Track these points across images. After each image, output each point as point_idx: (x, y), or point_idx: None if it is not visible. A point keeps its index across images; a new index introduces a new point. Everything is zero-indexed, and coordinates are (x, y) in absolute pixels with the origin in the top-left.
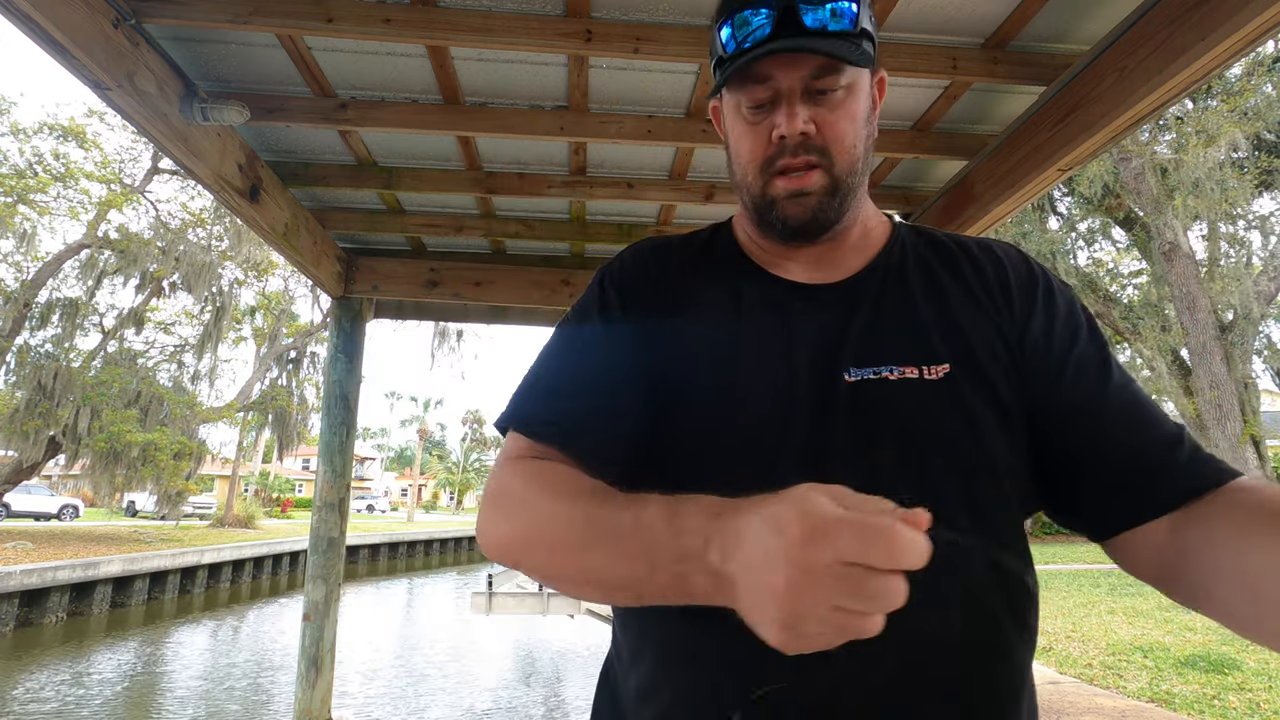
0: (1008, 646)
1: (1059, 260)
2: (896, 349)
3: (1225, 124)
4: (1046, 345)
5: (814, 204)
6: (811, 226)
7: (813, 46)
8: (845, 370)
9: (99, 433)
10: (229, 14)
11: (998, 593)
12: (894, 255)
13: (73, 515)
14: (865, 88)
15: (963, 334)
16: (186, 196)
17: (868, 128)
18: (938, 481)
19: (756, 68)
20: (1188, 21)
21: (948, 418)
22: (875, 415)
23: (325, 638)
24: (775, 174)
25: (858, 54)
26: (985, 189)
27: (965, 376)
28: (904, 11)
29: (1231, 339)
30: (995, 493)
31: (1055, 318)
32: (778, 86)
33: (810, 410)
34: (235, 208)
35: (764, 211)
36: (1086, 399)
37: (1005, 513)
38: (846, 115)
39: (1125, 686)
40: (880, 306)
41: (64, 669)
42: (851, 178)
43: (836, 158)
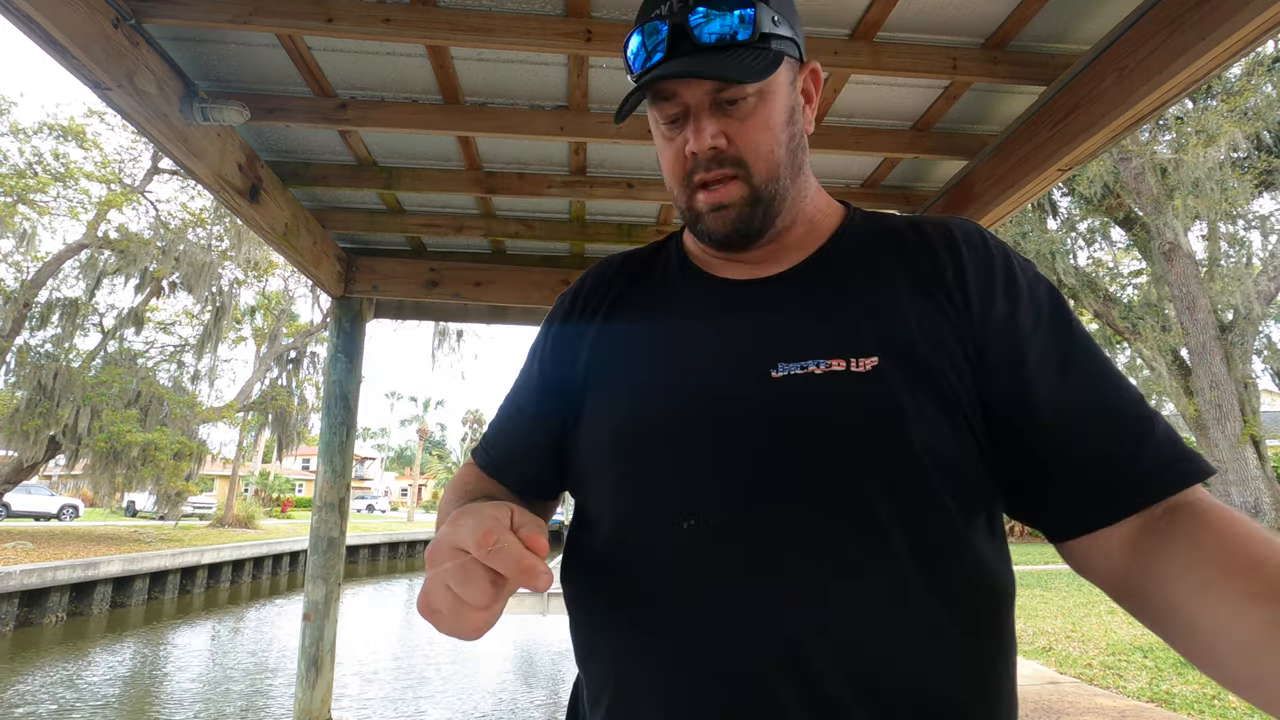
0: (931, 655)
1: (1059, 260)
2: (824, 342)
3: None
4: (1005, 333)
5: (734, 216)
6: (735, 238)
7: (698, 70)
8: (773, 366)
9: (99, 433)
10: (229, 14)
11: (914, 604)
12: (837, 247)
13: (73, 515)
14: (782, 90)
15: (901, 324)
16: (186, 196)
17: (791, 128)
18: (857, 476)
19: (661, 85)
20: (1188, 21)
21: (871, 411)
22: (799, 410)
23: (325, 638)
24: (696, 188)
25: (757, 65)
26: (985, 189)
27: (897, 368)
28: (904, 11)
29: (1231, 339)
30: (923, 489)
31: (1015, 302)
32: (685, 102)
33: (734, 408)
34: (235, 208)
35: (692, 224)
36: (1046, 393)
37: (937, 511)
38: (759, 124)
39: (1125, 686)
40: (813, 300)
41: (64, 669)
42: (774, 184)
43: (754, 167)
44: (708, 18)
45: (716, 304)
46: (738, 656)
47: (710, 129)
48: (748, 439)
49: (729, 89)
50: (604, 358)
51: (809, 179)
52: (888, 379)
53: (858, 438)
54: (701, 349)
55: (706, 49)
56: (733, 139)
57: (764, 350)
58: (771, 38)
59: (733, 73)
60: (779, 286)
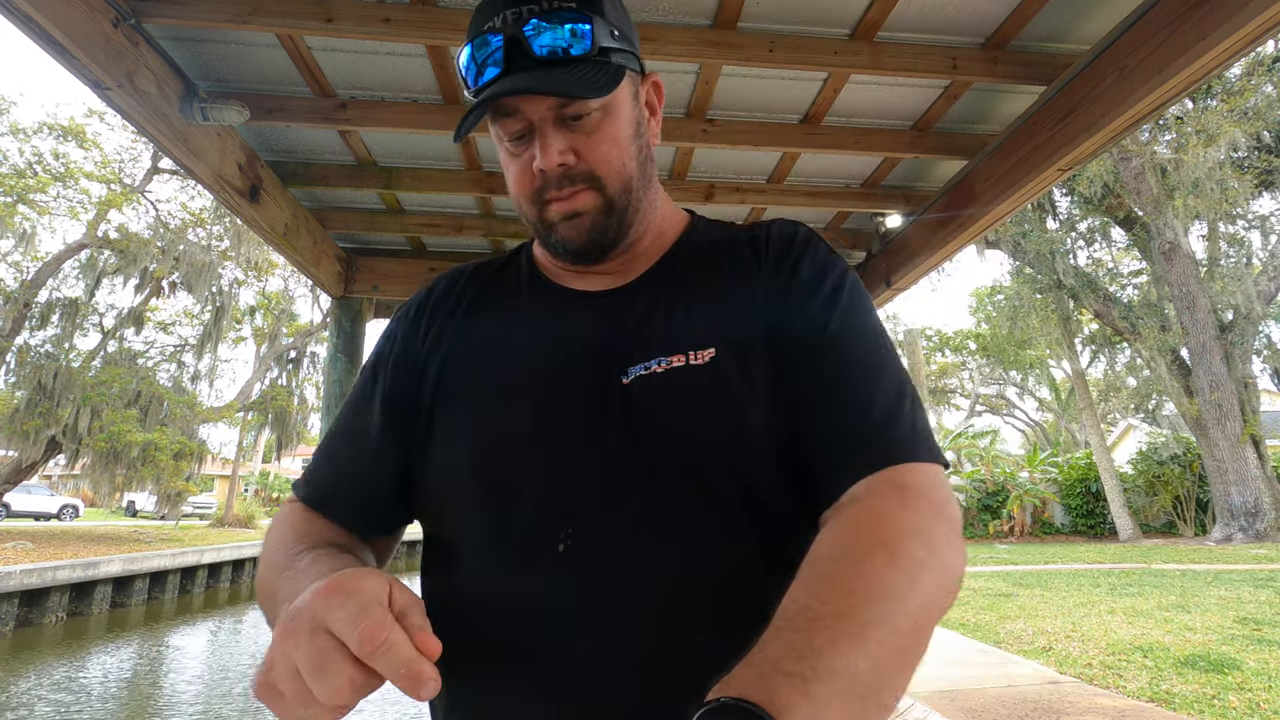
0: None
1: (1059, 260)
2: (667, 341)
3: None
4: (784, 320)
5: (588, 224)
6: (590, 248)
7: (539, 87)
8: (623, 372)
9: (99, 433)
10: (229, 14)
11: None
12: (680, 253)
13: (72, 515)
14: (626, 103)
15: (733, 316)
16: (186, 196)
17: (639, 140)
18: (705, 467)
19: (503, 102)
20: (1188, 21)
21: (711, 401)
22: (646, 409)
23: None
24: (547, 202)
25: (600, 79)
26: (985, 189)
27: (732, 359)
28: (904, 11)
29: (1231, 339)
30: (766, 477)
31: (792, 287)
32: (528, 118)
33: (584, 416)
34: (235, 208)
35: (545, 237)
36: (802, 374)
37: (779, 491)
38: (606, 138)
39: (1125, 686)
40: (657, 303)
41: (64, 669)
42: (627, 195)
43: (606, 181)
44: (538, 30)
45: (567, 314)
46: (614, 670)
47: (557, 145)
48: (607, 447)
49: (573, 104)
50: (455, 373)
51: (657, 190)
52: (725, 370)
53: (702, 429)
54: (555, 361)
55: (544, 63)
56: (581, 155)
57: (614, 358)
58: (611, 51)
59: (575, 88)
60: (627, 295)
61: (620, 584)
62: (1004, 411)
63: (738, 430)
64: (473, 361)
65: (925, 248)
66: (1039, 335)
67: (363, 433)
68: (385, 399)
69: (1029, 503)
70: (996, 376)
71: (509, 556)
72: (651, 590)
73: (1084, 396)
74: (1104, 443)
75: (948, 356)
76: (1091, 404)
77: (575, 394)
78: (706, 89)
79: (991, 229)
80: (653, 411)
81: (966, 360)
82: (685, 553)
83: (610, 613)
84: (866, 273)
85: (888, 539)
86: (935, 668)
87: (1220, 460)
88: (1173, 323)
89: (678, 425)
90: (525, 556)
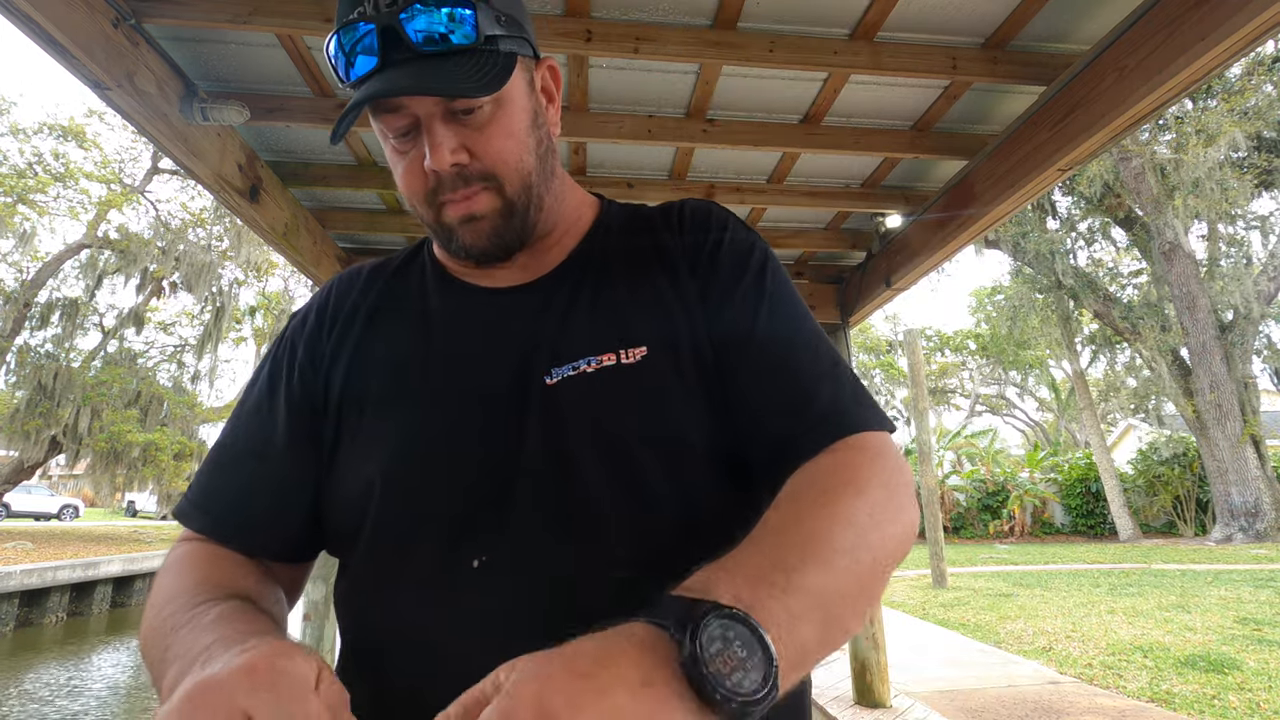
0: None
1: (1059, 260)
2: (595, 339)
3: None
4: (713, 314)
5: (488, 228)
6: (493, 250)
7: (419, 87)
8: (546, 372)
9: (99, 433)
10: (229, 14)
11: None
12: (595, 242)
13: (73, 515)
14: (520, 94)
15: (662, 311)
16: (186, 196)
17: (537, 133)
18: (643, 469)
19: (382, 103)
20: (1188, 21)
21: (644, 401)
22: (573, 411)
23: (325, 638)
24: (443, 203)
25: (487, 73)
26: (985, 189)
27: (664, 355)
28: (904, 11)
29: (1231, 339)
30: (703, 475)
31: (717, 277)
32: (413, 113)
33: (505, 419)
34: (235, 208)
35: (445, 241)
36: (738, 371)
37: (713, 489)
38: (502, 132)
39: (1125, 686)
40: (578, 299)
41: (64, 669)
42: (527, 193)
43: (505, 179)
44: (412, 15)
45: (480, 315)
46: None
47: (449, 144)
48: (521, 447)
49: (460, 100)
50: (360, 382)
51: (562, 179)
52: (658, 366)
53: (633, 430)
54: (470, 364)
55: (424, 55)
56: (476, 152)
57: (534, 358)
58: (499, 39)
59: (459, 86)
60: (542, 290)
61: (537, 601)
62: (1004, 411)
63: (677, 431)
64: (379, 369)
65: (925, 248)
66: (1039, 335)
67: (268, 445)
68: (291, 408)
69: (1029, 503)
70: (996, 377)
71: (424, 577)
72: (572, 606)
73: (1084, 396)
74: (1104, 443)
75: (947, 356)
76: (1091, 404)
77: (491, 399)
78: (706, 89)
79: (991, 229)
80: (584, 414)
81: (966, 360)
82: (614, 563)
83: (527, 632)
84: (866, 273)
85: (855, 480)
86: (935, 668)
87: (1220, 460)
88: (1173, 323)
89: (613, 427)
90: (439, 577)
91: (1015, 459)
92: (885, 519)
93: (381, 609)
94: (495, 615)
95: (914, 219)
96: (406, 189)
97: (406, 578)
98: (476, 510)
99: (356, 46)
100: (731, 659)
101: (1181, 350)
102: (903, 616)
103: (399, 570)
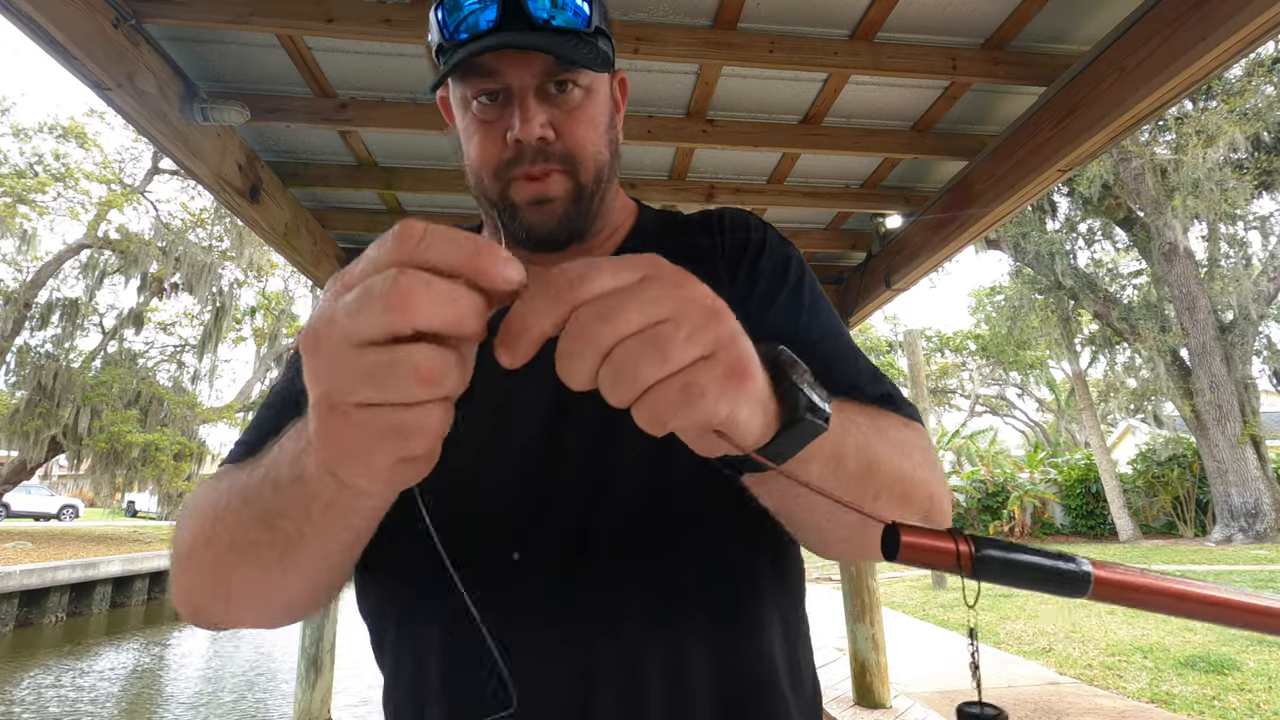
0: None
1: (1059, 261)
2: None
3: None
4: (754, 312)
5: (559, 211)
6: (558, 235)
7: (545, 45)
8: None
9: (99, 433)
10: (229, 14)
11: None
12: (637, 245)
13: (72, 515)
14: (605, 91)
15: None
16: (187, 196)
17: (610, 133)
18: (675, 472)
19: (483, 60)
20: (1188, 21)
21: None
22: (610, 421)
23: (325, 638)
24: (514, 178)
25: (593, 56)
26: (985, 189)
27: None
28: (904, 11)
29: (1231, 339)
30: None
31: (759, 286)
32: (508, 83)
33: (544, 430)
34: (235, 208)
35: (506, 219)
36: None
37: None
38: (586, 119)
39: (1125, 687)
40: None
41: (64, 669)
42: (597, 184)
43: (582, 164)
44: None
45: None
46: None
47: (539, 117)
48: (571, 465)
49: (562, 73)
50: None
51: (616, 184)
52: None
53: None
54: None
55: (541, 29)
56: (561, 133)
57: None
58: (600, 34)
59: (578, 56)
60: None
61: (573, 601)
62: (1004, 412)
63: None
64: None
65: (925, 248)
66: (1039, 336)
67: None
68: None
69: (1029, 503)
70: (996, 377)
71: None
72: (609, 607)
73: (1084, 397)
74: (1104, 443)
75: (947, 357)
76: (1091, 404)
77: (531, 409)
78: (706, 89)
79: (991, 229)
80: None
81: (966, 360)
82: (649, 566)
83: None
84: (866, 273)
85: (908, 423)
86: (935, 667)
87: (1220, 461)
88: (1172, 323)
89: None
90: (478, 584)
91: (1015, 459)
92: (927, 464)
93: (420, 615)
94: (535, 614)
95: (914, 219)
96: (480, 157)
97: (435, 587)
98: (506, 523)
99: (474, 12)
100: (808, 378)
101: (1181, 351)
102: (902, 617)
103: (424, 582)
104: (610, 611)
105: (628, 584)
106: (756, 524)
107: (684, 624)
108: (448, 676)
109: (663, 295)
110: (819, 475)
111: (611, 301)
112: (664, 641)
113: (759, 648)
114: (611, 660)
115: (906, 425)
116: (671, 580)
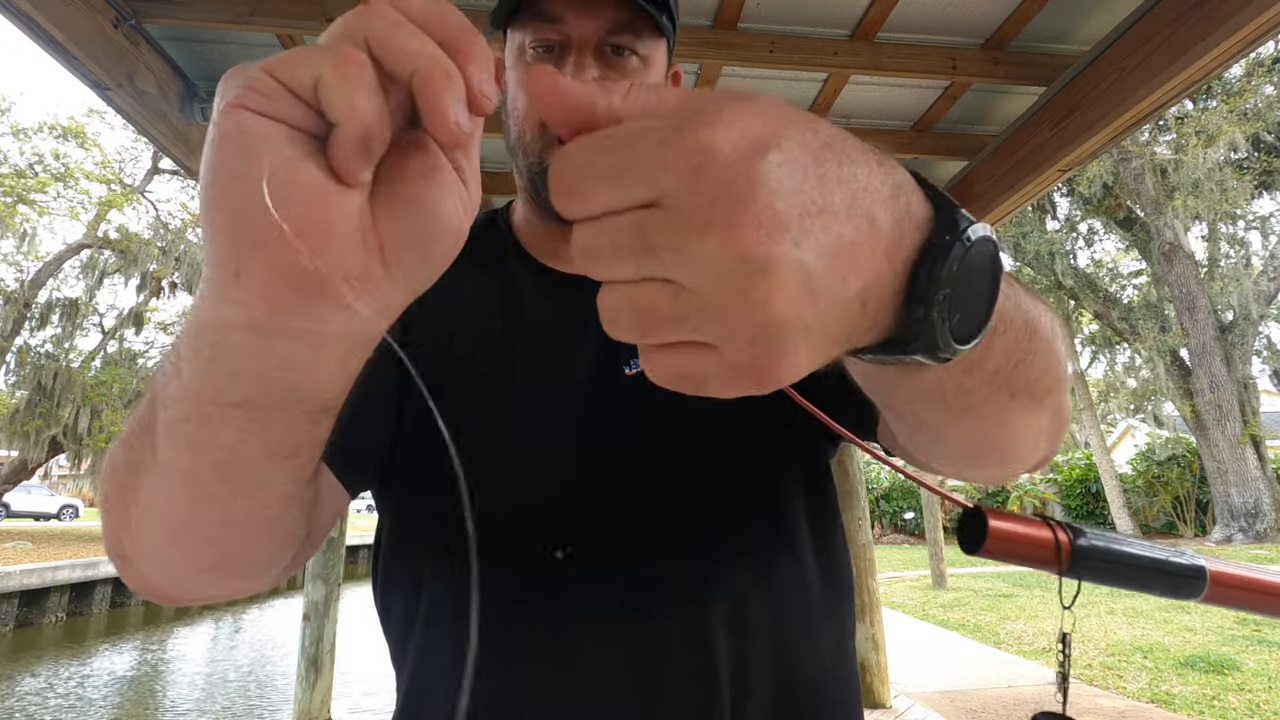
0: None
1: (1059, 260)
2: None
3: (1225, 124)
4: None
5: None
6: None
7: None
8: (625, 364)
9: (99, 433)
10: (229, 14)
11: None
12: None
13: (72, 515)
14: (660, 69)
15: None
16: (187, 196)
17: None
18: (717, 459)
19: (549, 5)
20: (1188, 21)
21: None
22: (653, 403)
23: (325, 638)
24: (555, 140)
25: (661, 20)
26: (985, 189)
27: None
28: (904, 11)
29: (1231, 339)
30: (781, 462)
31: None
32: (568, 32)
33: (584, 414)
34: None
35: (539, 182)
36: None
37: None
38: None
39: (1125, 687)
40: None
41: (64, 669)
42: None
43: None
44: None
45: (560, 298)
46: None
47: (593, 72)
48: (611, 448)
49: (621, 35)
50: (442, 362)
51: None
52: None
53: (728, 422)
54: (552, 347)
55: None
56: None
57: (613, 347)
58: (668, 9)
59: (648, 8)
60: None
61: (619, 594)
62: None
63: (768, 424)
64: (462, 337)
65: None
66: None
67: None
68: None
69: (1029, 503)
70: None
71: (497, 573)
72: (659, 599)
73: (1084, 397)
74: (1104, 443)
75: None
76: (1091, 404)
77: (574, 391)
78: (708, 89)
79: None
80: (661, 406)
81: None
82: (698, 554)
83: (608, 630)
84: None
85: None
86: (935, 667)
87: (1220, 461)
88: (1172, 323)
89: (700, 421)
90: (517, 572)
91: None
92: (1064, 381)
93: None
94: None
95: None
96: (528, 110)
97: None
98: (560, 502)
99: None
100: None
101: (1181, 351)
102: (903, 617)
103: (456, 570)
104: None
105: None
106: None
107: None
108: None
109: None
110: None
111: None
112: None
113: (816, 648)
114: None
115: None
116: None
